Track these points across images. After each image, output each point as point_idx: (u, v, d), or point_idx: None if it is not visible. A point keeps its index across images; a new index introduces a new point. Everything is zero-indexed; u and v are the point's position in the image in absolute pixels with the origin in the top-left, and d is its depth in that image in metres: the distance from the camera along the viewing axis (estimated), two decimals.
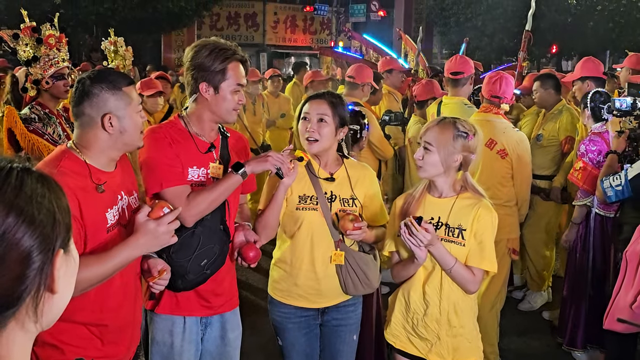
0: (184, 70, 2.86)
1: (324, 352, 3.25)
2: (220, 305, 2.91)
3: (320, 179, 3.06)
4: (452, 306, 2.85)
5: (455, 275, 2.78)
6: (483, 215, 2.79)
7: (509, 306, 5.01)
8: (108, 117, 2.31)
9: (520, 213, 4.58)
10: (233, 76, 2.73)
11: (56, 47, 4.01)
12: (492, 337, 4.48)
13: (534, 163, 4.86)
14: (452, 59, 5.28)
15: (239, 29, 23.44)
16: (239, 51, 2.78)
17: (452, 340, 2.88)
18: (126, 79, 2.42)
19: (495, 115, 4.47)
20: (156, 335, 2.84)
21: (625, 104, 4.17)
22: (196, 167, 2.74)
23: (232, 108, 2.76)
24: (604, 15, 16.21)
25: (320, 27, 25.35)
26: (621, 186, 3.67)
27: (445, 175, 2.84)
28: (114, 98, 2.32)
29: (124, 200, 2.45)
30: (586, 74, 5.32)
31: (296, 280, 3.08)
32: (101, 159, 2.37)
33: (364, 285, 3.09)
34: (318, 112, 3.00)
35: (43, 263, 1.05)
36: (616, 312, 3.13)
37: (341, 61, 9.78)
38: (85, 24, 14.21)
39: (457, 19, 17.85)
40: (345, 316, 3.19)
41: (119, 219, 2.39)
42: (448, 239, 2.82)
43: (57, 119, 4.09)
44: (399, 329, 3.00)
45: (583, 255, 4.68)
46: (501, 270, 4.49)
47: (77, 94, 2.33)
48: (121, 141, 2.37)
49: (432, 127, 2.85)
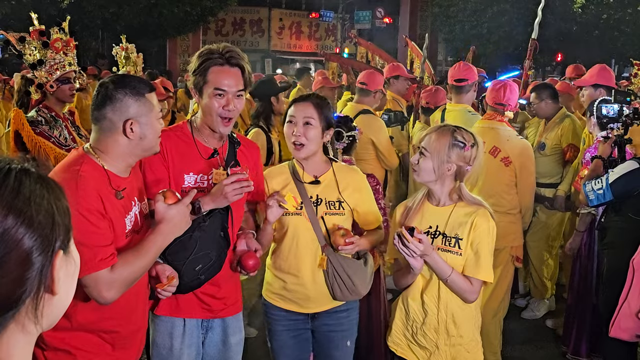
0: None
1: (318, 357, 3.24)
2: (222, 309, 2.89)
3: (305, 183, 3.05)
4: (450, 315, 2.84)
5: (452, 284, 2.77)
6: (479, 224, 2.76)
7: (512, 314, 4.98)
8: (130, 122, 2.29)
9: (524, 221, 4.57)
10: (212, 80, 2.68)
11: (63, 51, 4.03)
12: (494, 345, 4.46)
13: (538, 171, 4.84)
14: (456, 66, 5.27)
15: (244, 35, 23.52)
16: (232, 55, 2.71)
17: (451, 350, 2.87)
18: (148, 86, 2.41)
19: (499, 122, 4.46)
20: (156, 338, 2.83)
21: (612, 111, 4.20)
22: (193, 174, 2.74)
23: (217, 114, 2.69)
24: (609, 24, 16.20)
25: (325, 33, 25.42)
26: (602, 190, 3.70)
27: (439, 183, 2.82)
28: (137, 104, 2.31)
29: (137, 206, 2.45)
30: (601, 82, 5.27)
31: (285, 285, 3.08)
32: (119, 165, 2.36)
33: (350, 291, 3.04)
34: (304, 115, 2.98)
35: (43, 264, 1.04)
36: (622, 320, 3.11)
37: (347, 67, 9.77)
38: (91, 28, 14.26)
39: (463, 26, 17.86)
40: (337, 322, 3.16)
41: (133, 225, 2.38)
42: (445, 248, 2.80)
43: (64, 122, 4.09)
44: (400, 336, 2.99)
45: (587, 263, 4.66)
46: (504, 278, 4.48)
47: (99, 98, 2.31)
48: (140, 147, 2.36)
49: (430, 133, 2.84)
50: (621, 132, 4.16)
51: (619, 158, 4.10)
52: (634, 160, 3.73)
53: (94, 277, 2.15)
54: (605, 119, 4.24)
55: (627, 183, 3.65)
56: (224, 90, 2.68)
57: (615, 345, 3.62)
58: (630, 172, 3.65)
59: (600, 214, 4.49)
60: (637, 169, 3.59)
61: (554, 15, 14.76)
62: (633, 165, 3.63)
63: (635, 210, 3.64)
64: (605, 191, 3.70)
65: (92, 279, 2.15)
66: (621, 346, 3.50)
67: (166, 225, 2.29)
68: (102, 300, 2.20)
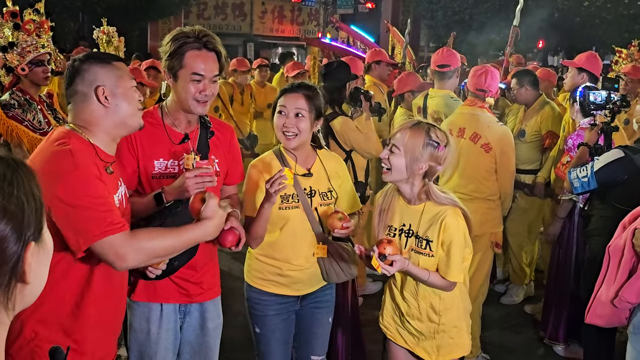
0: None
1: (299, 335, 3.26)
2: (199, 294, 2.88)
3: (298, 175, 3.05)
4: (429, 305, 2.89)
5: (431, 285, 2.82)
6: (448, 224, 2.75)
7: (491, 299, 5.01)
8: (101, 89, 2.25)
9: (504, 207, 4.58)
10: (189, 64, 2.64)
11: (36, 33, 3.94)
12: (474, 330, 4.46)
13: (518, 158, 4.86)
14: (439, 52, 5.26)
15: (227, 19, 23.32)
16: (209, 39, 2.67)
17: (436, 337, 2.92)
18: (116, 57, 2.40)
19: (480, 109, 4.45)
20: (134, 323, 2.82)
21: (600, 98, 4.19)
22: (163, 159, 2.71)
23: (193, 98, 2.66)
24: (590, 11, 16.28)
25: (307, 18, 25.28)
26: (587, 177, 3.71)
27: (409, 183, 2.82)
28: (104, 70, 2.27)
29: (122, 186, 2.41)
30: (586, 67, 5.24)
31: (280, 272, 3.10)
32: (104, 140, 2.30)
33: (346, 273, 3.13)
34: (295, 107, 2.98)
35: (14, 255, 1.02)
36: (598, 306, 3.13)
37: (328, 52, 9.72)
38: (71, 10, 14.05)
39: (445, 12, 17.86)
40: (322, 298, 3.23)
41: (119, 205, 2.34)
42: (417, 250, 2.82)
43: (39, 105, 4.02)
44: (389, 319, 3.07)
45: (566, 250, 4.69)
46: (484, 264, 4.50)
47: (68, 75, 2.30)
48: (119, 118, 2.30)
49: (403, 130, 2.80)
50: (608, 119, 4.16)
51: (605, 145, 4.11)
52: (619, 148, 3.73)
53: (108, 242, 2.10)
54: (593, 105, 4.24)
55: (612, 172, 3.66)
56: (202, 75, 2.65)
57: (592, 331, 3.66)
58: (615, 161, 3.65)
59: (580, 200, 4.52)
60: (622, 158, 3.59)
61: (535, 2, 14.79)
62: (618, 154, 3.63)
63: (619, 198, 3.66)
64: (590, 179, 3.71)
65: (107, 244, 2.11)
66: (599, 332, 3.53)
67: (211, 223, 2.28)
68: (120, 264, 2.16)
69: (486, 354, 4.65)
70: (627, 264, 2.99)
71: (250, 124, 8.00)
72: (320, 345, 3.30)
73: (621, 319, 3.11)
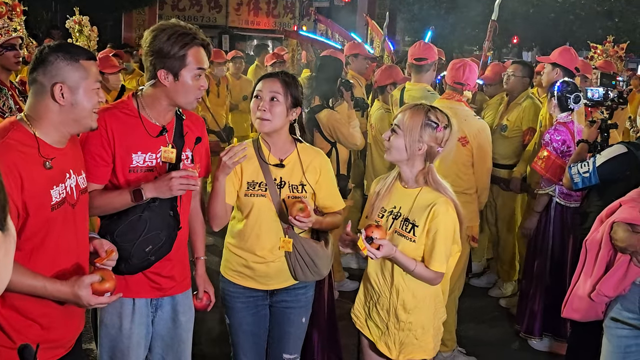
0: (143, 54, 2.75)
1: (272, 332, 3.24)
2: (171, 287, 2.86)
3: (270, 165, 3.02)
4: (401, 301, 2.86)
5: (417, 276, 2.78)
6: (438, 213, 2.73)
7: (467, 293, 5.03)
8: (59, 87, 2.20)
9: (480, 201, 4.59)
10: (194, 61, 2.63)
11: (7, 16, 3.83)
12: (450, 323, 4.49)
13: (497, 152, 4.87)
14: (416, 45, 5.24)
15: (201, 10, 23.07)
16: (199, 35, 2.67)
17: (399, 334, 2.89)
18: (87, 54, 2.33)
19: (457, 102, 4.45)
20: (105, 318, 2.79)
21: (598, 94, 4.20)
22: (141, 152, 2.66)
23: (194, 97, 2.69)
24: (564, 7, 16.45)
25: (283, 10, 25.11)
26: (589, 173, 3.70)
27: (409, 163, 2.81)
28: (69, 68, 2.23)
29: (72, 179, 2.35)
30: (559, 62, 5.27)
31: (245, 263, 3.07)
32: (52, 134, 2.26)
33: (313, 272, 3.08)
34: (270, 91, 2.95)
35: None
36: (574, 300, 3.15)
37: (306, 44, 9.66)
38: None
39: (421, 6, 17.90)
40: (295, 298, 3.18)
41: (66, 197, 2.29)
42: (400, 232, 2.81)
43: (9, 91, 3.91)
44: (360, 309, 3.07)
45: (542, 244, 4.72)
46: (460, 258, 4.49)
47: (33, 62, 2.25)
48: (72, 116, 2.26)
49: (404, 111, 2.83)
50: (606, 116, 4.17)
51: (603, 142, 4.12)
52: (622, 144, 3.73)
53: None
54: (591, 102, 4.25)
55: (615, 167, 3.65)
56: (204, 69, 2.69)
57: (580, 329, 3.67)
58: (618, 156, 3.64)
59: (557, 194, 4.55)
60: (625, 153, 3.58)
61: None
62: (621, 149, 3.63)
63: (619, 195, 3.65)
64: (592, 174, 3.70)
65: None
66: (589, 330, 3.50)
67: (73, 296, 2.18)
68: None
69: (462, 348, 4.67)
70: (604, 258, 3.01)
71: (226, 116, 7.94)
72: (292, 345, 3.24)
73: (598, 313, 3.12)
